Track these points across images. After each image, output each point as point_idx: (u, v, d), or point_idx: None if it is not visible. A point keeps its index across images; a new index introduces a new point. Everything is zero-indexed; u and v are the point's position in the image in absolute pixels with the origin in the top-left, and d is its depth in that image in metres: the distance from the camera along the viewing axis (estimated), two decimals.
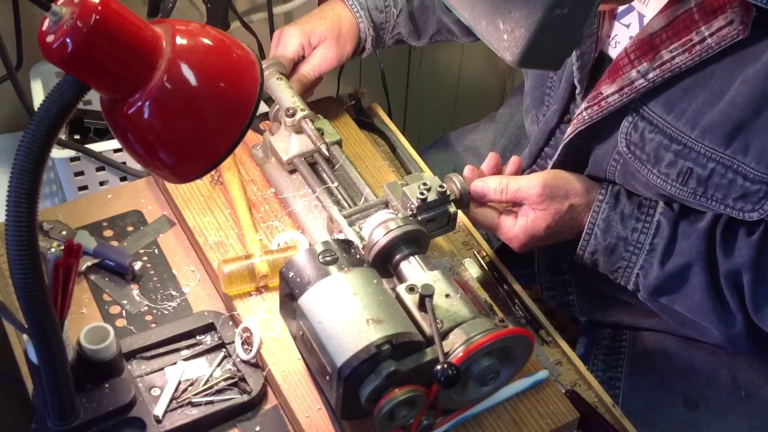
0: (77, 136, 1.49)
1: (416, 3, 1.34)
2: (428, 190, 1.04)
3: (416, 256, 0.99)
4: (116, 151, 1.38)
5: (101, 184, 1.42)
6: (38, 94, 1.44)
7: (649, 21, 1.02)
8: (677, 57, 0.99)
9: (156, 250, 1.14)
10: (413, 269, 0.98)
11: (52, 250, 1.09)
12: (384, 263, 1.00)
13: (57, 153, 1.36)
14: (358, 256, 0.95)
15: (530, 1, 0.81)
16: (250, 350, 1.01)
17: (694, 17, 0.97)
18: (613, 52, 1.11)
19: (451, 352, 0.88)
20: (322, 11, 1.29)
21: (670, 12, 0.99)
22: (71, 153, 1.36)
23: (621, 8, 1.09)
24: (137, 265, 1.10)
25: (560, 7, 0.81)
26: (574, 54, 1.11)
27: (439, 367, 0.84)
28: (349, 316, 0.88)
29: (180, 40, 0.74)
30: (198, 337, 1.03)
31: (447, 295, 0.94)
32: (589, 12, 0.84)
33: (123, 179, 1.41)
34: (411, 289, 0.93)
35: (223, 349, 1.02)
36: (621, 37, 1.10)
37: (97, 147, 1.38)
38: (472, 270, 1.20)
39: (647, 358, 1.26)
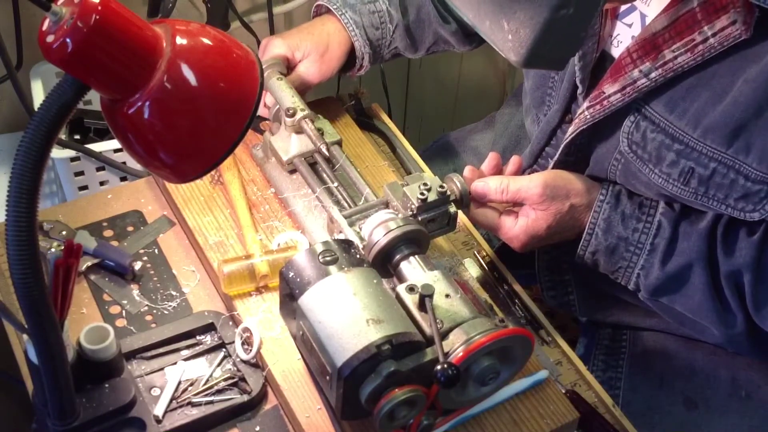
0: (77, 136, 1.49)
1: (412, 17, 1.34)
2: (428, 190, 1.04)
3: (416, 256, 0.99)
4: (116, 151, 1.38)
5: (101, 184, 1.42)
6: (38, 94, 1.44)
7: (651, 20, 1.02)
8: (679, 57, 0.99)
9: (156, 250, 1.14)
10: (413, 269, 0.98)
11: (52, 250, 1.09)
12: (384, 263, 1.00)
13: (57, 153, 1.36)
14: (358, 256, 0.95)
15: (536, 2, 0.81)
16: (250, 350, 1.01)
17: (696, 17, 0.97)
18: (616, 51, 1.11)
19: (451, 352, 0.88)
20: (312, 27, 1.28)
21: (672, 12, 0.99)
22: (71, 153, 1.36)
23: (623, 8, 1.09)
24: (137, 265, 1.10)
25: (566, 8, 0.80)
26: (577, 54, 1.11)
27: (439, 367, 0.84)
28: (349, 316, 0.88)
29: (180, 40, 0.74)
30: (198, 337, 1.03)
31: (447, 295, 0.94)
32: (594, 12, 0.84)
33: (123, 179, 1.41)
34: (411, 289, 0.93)
35: (223, 349, 1.02)
36: (623, 36, 1.10)
37: (97, 147, 1.38)
38: (472, 270, 1.20)
39: (647, 358, 1.26)
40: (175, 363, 1.00)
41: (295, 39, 1.25)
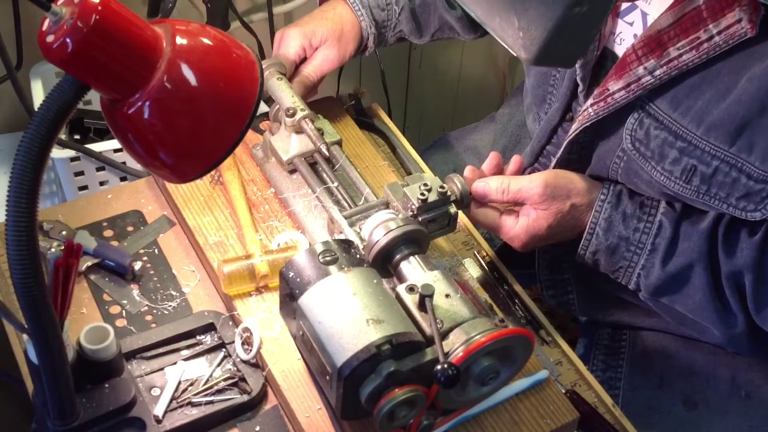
0: (77, 136, 1.49)
1: (418, 0, 1.34)
2: (429, 190, 1.04)
3: (416, 256, 0.99)
4: (116, 151, 1.38)
5: (101, 184, 1.42)
6: (38, 94, 1.44)
7: (657, 18, 1.02)
8: (684, 54, 0.99)
9: (156, 250, 1.14)
10: (413, 269, 0.98)
11: (52, 250, 1.09)
12: (384, 263, 1.00)
13: (57, 153, 1.36)
14: (358, 256, 0.95)
15: None
16: (250, 350, 1.01)
17: (702, 15, 0.97)
18: (619, 49, 1.11)
19: (451, 352, 0.88)
20: (324, 12, 1.29)
21: (678, 9, 0.99)
22: (71, 153, 1.36)
23: (623, 6, 1.09)
24: (137, 265, 1.10)
25: (579, 5, 0.79)
26: None
27: (439, 367, 0.84)
28: (349, 316, 0.88)
29: (180, 40, 0.74)
30: (198, 337, 1.03)
31: (447, 295, 0.93)
32: (607, 9, 0.83)
33: (123, 179, 1.41)
34: (411, 289, 0.93)
35: (223, 349, 1.02)
36: (625, 34, 1.10)
37: (97, 147, 1.38)
38: (472, 270, 1.20)
39: (647, 358, 1.26)
40: (175, 363, 1.00)
41: (310, 26, 1.26)
